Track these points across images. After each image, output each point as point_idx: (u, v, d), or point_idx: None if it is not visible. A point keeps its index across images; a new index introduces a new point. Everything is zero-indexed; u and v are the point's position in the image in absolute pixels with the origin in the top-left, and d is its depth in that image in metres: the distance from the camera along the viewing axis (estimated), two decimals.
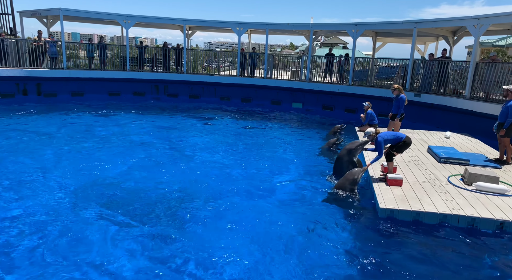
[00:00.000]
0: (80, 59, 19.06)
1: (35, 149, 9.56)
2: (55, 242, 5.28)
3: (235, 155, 9.81)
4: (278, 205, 6.84)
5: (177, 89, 18.62)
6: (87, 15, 17.88)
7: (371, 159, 7.54)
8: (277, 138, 12.43)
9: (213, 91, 18.70)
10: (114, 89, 17.77)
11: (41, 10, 17.52)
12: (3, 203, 6.42)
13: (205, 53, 22.43)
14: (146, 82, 18.15)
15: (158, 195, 7.00)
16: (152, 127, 12.94)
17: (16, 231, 5.56)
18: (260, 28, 19.14)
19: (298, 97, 17.84)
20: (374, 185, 6.77)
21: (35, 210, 6.20)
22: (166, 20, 19.12)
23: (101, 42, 18.82)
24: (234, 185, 7.58)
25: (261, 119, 15.70)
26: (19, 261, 4.86)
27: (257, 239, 5.56)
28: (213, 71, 20.92)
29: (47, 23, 18.38)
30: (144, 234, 5.58)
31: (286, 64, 20.30)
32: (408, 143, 7.04)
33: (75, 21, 19.85)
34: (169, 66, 19.10)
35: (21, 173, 7.75)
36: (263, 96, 18.41)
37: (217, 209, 6.49)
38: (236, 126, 14.13)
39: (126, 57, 17.97)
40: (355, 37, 16.28)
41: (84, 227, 5.72)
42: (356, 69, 17.24)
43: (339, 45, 50.36)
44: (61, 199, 6.66)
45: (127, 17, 17.59)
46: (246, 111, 17.31)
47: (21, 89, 15.98)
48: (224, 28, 20.71)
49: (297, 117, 16.62)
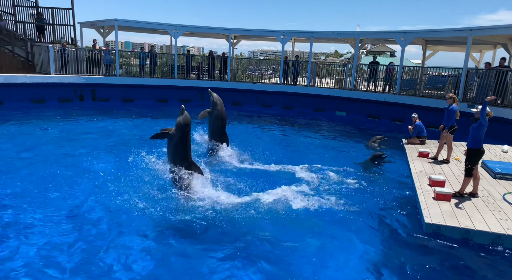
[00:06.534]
0: (132, 67, 20.14)
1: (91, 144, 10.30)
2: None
3: (273, 162, 9.77)
4: (317, 214, 6.71)
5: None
6: (139, 25, 18.90)
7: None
8: (318, 146, 12.25)
9: (255, 99, 18.90)
10: (162, 96, 18.54)
11: (98, 21, 18.81)
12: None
13: (249, 62, 22.77)
14: (192, 90, 18.75)
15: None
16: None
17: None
18: (305, 36, 19.13)
19: (342, 105, 17.52)
20: (419, 198, 6.44)
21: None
22: (213, 30, 19.71)
23: (152, 50, 19.79)
24: (270, 191, 7.56)
25: (302, 127, 15.59)
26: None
27: (301, 249, 5.49)
28: (256, 79, 21.17)
29: (103, 33, 19.68)
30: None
31: (330, 72, 20.06)
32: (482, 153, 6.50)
33: (128, 31, 21.08)
34: (214, 74, 19.64)
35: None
36: (305, 104, 18.29)
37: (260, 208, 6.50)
38: (276, 133, 14.14)
39: (174, 65, 18.74)
40: (403, 45, 15.73)
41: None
42: (404, 78, 16.62)
43: (386, 53, 48.89)
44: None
45: (176, 27, 18.37)
46: (288, 118, 17.28)
47: (78, 94, 17.17)
48: (268, 37, 20.94)
49: (340, 125, 16.29)
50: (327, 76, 19.43)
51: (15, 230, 5.75)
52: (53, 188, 7.34)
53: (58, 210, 6.47)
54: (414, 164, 8.69)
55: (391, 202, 7.52)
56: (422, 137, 10.65)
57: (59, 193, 7.16)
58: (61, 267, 4.96)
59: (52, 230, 5.80)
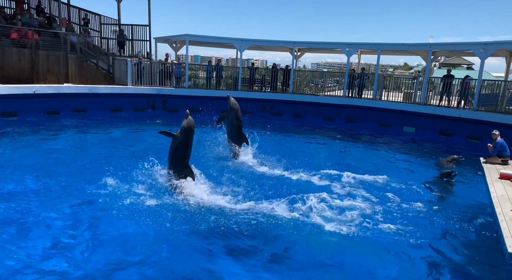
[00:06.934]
0: (199, 79, 21.12)
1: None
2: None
3: (332, 179, 9.48)
4: (380, 237, 6.33)
5: (282, 108, 19.13)
6: (208, 40, 19.86)
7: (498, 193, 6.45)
8: (382, 163, 11.65)
9: (317, 111, 18.66)
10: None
11: (171, 36, 20.14)
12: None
13: (312, 74, 22.65)
14: (254, 101, 19.10)
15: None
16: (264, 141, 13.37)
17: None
18: (372, 48, 18.54)
19: (411, 120, 16.54)
20: (501, 225, 5.76)
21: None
22: (277, 43, 20.00)
23: (218, 64, 20.63)
24: (329, 211, 7.32)
25: (366, 142, 14.99)
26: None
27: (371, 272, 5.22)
28: (319, 91, 20.93)
29: (175, 47, 21.02)
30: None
31: (398, 85, 19.14)
32: None
33: (197, 45, 22.25)
34: (276, 86, 19.84)
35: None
36: (370, 118, 17.60)
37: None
38: (337, 147, 13.75)
39: (238, 78, 19.31)
40: (483, 58, 14.46)
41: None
42: (482, 93, 15.24)
43: (462, 65, 45.39)
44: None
45: (242, 40, 18.97)
46: (351, 132, 16.76)
47: (151, 104, 18.45)
48: (333, 49, 20.67)
49: (408, 142, 15.37)
50: (395, 89, 18.56)
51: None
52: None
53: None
54: (495, 186, 7.83)
55: (464, 227, 6.85)
56: (505, 157, 9.58)
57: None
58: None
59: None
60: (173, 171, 7.78)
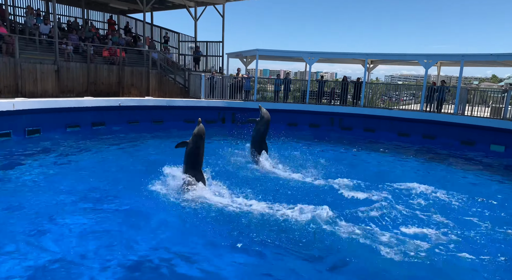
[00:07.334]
0: (267, 92, 21.43)
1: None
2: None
3: (407, 205, 8.76)
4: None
5: (352, 122, 18.48)
6: (277, 54, 20.13)
7: None
8: (465, 186, 10.47)
9: (390, 126, 17.65)
10: (293, 120, 19.10)
11: (242, 51, 20.82)
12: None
13: (385, 87, 21.59)
14: (322, 115, 18.75)
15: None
16: (330, 156, 13.01)
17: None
18: (454, 60, 17.14)
19: (500, 138, 14.79)
20: None
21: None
22: (348, 55, 19.51)
23: (287, 77, 20.75)
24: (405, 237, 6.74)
25: (445, 160, 13.69)
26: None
27: None
28: (393, 105, 19.83)
29: (245, 62, 21.68)
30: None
31: (485, 99, 17.33)
32: None
33: (267, 59, 22.74)
34: (346, 99, 19.26)
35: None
36: (451, 135, 16.12)
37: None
38: (413, 166, 12.75)
39: (306, 91, 19.17)
40: None
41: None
42: None
43: None
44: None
45: (312, 54, 18.86)
46: (429, 150, 15.48)
47: (221, 117, 19.16)
48: (409, 61, 19.52)
49: (497, 163, 13.71)
50: (480, 103, 16.83)
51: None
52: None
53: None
54: None
55: None
56: None
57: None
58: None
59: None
60: (187, 176, 8.18)
